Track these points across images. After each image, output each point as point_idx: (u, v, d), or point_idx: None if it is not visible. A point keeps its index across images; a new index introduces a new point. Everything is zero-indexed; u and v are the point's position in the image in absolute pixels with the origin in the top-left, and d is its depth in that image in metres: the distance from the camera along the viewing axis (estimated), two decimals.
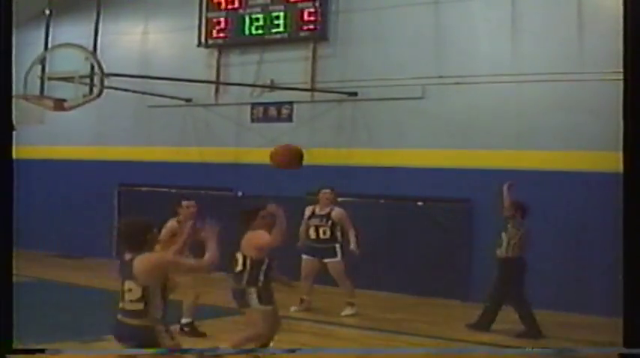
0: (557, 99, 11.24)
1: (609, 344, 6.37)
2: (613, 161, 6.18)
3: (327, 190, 10.79)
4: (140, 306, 5.32)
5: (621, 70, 4.66)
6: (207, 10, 14.25)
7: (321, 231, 10.61)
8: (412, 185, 12.28)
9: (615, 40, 4.90)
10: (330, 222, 10.58)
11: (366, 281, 12.50)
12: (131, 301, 5.34)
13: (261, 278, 7.10)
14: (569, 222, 11.06)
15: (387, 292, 12.23)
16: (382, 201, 12.63)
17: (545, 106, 11.35)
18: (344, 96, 12.97)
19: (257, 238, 7.25)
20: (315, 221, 10.63)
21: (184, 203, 9.48)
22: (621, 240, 4.61)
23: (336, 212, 10.67)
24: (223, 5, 14.08)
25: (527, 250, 9.42)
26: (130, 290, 5.34)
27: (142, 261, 5.32)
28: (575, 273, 10.89)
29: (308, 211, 10.77)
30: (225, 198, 14.10)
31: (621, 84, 4.65)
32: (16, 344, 4.80)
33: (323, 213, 10.66)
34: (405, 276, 12.26)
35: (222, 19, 14.12)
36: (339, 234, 10.63)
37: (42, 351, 5.09)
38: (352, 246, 10.55)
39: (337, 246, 10.62)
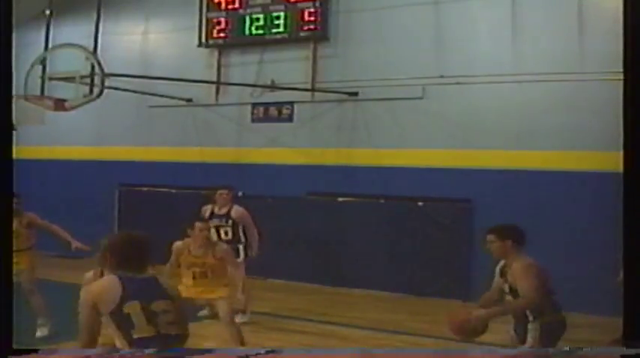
0: (557, 99, 11.23)
1: (609, 344, 6.36)
2: (613, 161, 6.19)
3: (224, 190, 10.26)
4: (181, 330, 4.48)
5: (621, 70, 4.66)
6: (208, 10, 14.24)
7: (222, 231, 10.04)
8: (412, 185, 12.28)
9: (615, 40, 4.90)
10: (230, 222, 10.07)
11: (366, 281, 12.52)
12: (169, 323, 4.40)
13: None
14: (569, 222, 11.05)
15: (387, 292, 12.23)
16: (382, 201, 12.63)
17: (545, 106, 11.35)
18: (344, 96, 12.97)
19: None
20: (215, 221, 9.95)
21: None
22: (621, 240, 4.61)
23: (235, 210, 10.16)
24: (223, 5, 14.08)
25: None
26: (165, 311, 4.42)
27: None
28: (575, 273, 10.88)
29: (207, 212, 10.17)
30: None
31: (621, 84, 4.65)
32: (16, 345, 4.80)
33: (222, 212, 10.13)
34: (405, 276, 12.25)
35: (222, 19, 14.12)
36: (241, 234, 10.13)
37: (42, 351, 5.08)
38: (253, 251, 10.10)
39: (240, 246, 10.09)
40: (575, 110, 11.07)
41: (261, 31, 13.73)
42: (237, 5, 13.95)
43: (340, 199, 13.00)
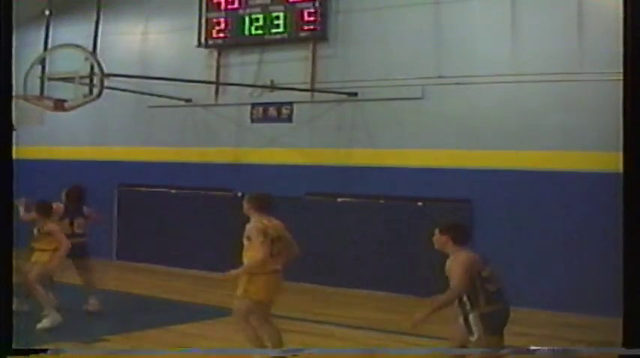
0: (557, 99, 11.24)
1: (609, 344, 6.38)
2: (613, 161, 6.19)
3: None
4: None
5: (621, 70, 4.66)
6: (207, 10, 14.24)
7: (75, 224, 10.22)
8: (412, 185, 12.28)
9: (615, 40, 4.90)
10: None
11: (366, 281, 12.52)
12: None
13: None
14: (569, 222, 11.05)
15: (387, 292, 12.23)
16: (382, 201, 12.63)
17: (545, 106, 11.35)
18: (344, 97, 12.97)
19: None
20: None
21: None
22: (621, 240, 4.61)
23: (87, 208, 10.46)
24: (223, 5, 14.08)
25: None
26: None
27: None
28: (575, 273, 10.89)
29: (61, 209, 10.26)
30: (225, 198, 14.11)
31: (621, 84, 4.65)
32: (16, 345, 4.80)
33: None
34: (404, 276, 12.25)
35: (221, 20, 14.12)
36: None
37: (42, 351, 5.09)
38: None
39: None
40: (575, 110, 11.07)
41: (260, 32, 13.73)
42: (236, 5, 13.95)
43: (340, 199, 13.00)
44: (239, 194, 14.06)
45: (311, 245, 13.15)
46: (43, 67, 11.75)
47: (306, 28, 13.30)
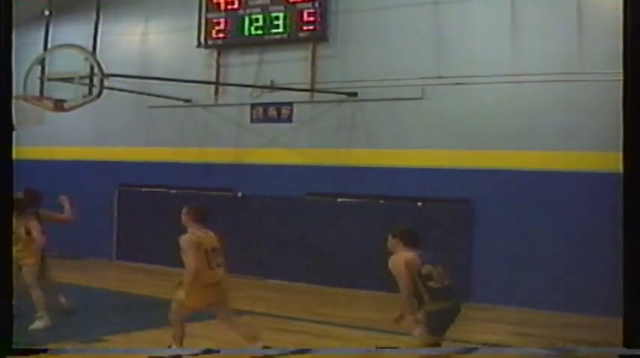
0: (557, 99, 11.24)
1: (609, 344, 6.38)
2: (613, 161, 6.18)
3: None
4: None
5: (621, 70, 4.65)
6: (207, 10, 14.24)
7: None
8: (412, 185, 12.29)
9: (615, 40, 4.90)
10: None
11: (366, 281, 12.51)
12: None
13: None
14: (569, 222, 11.06)
15: (386, 292, 12.21)
16: (382, 201, 12.63)
17: (545, 106, 11.35)
18: (344, 97, 12.97)
19: None
20: None
21: None
22: (621, 240, 4.61)
23: None
24: (223, 6, 14.08)
25: None
26: None
27: None
28: (575, 273, 10.89)
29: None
30: (225, 198, 14.11)
31: (621, 84, 4.64)
32: (16, 345, 4.79)
33: None
34: None
35: (221, 20, 14.12)
36: None
37: (43, 351, 5.08)
38: None
39: None
40: (575, 110, 11.07)
41: (260, 32, 13.73)
42: (236, 6, 13.95)
43: (339, 199, 13.00)
44: (239, 194, 14.10)
45: (311, 245, 13.20)
46: (43, 67, 11.76)
47: (305, 28, 13.30)
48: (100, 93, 11.10)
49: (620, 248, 4.62)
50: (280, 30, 13.53)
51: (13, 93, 5.03)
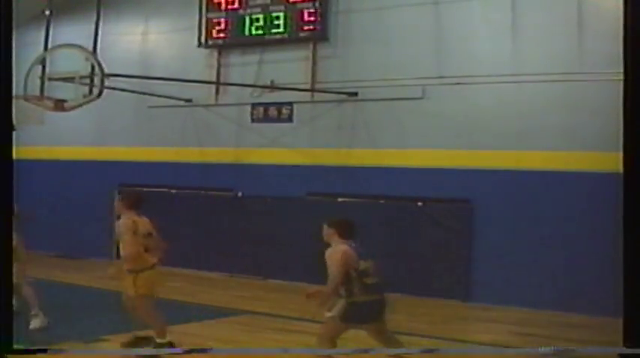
0: (557, 99, 11.24)
1: (609, 344, 6.38)
2: (613, 161, 6.19)
3: None
4: None
5: (621, 70, 4.65)
6: (207, 10, 14.24)
7: None
8: (412, 185, 12.28)
9: (615, 40, 4.90)
10: None
11: None
12: None
13: None
14: (569, 222, 11.05)
15: (386, 292, 12.21)
16: (382, 201, 12.63)
17: (545, 106, 11.35)
18: (344, 97, 12.97)
19: None
20: None
21: None
22: (621, 240, 4.60)
23: None
24: (223, 6, 14.08)
25: None
26: None
27: None
28: (575, 273, 10.89)
29: None
30: (225, 198, 14.11)
31: (621, 84, 4.64)
32: (17, 345, 4.80)
33: None
34: (404, 276, 12.24)
35: (222, 20, 14.12)
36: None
37: (42, 351, 5.08)
38: None
39: None
40: (575, 110, 11.07)
41: (260, 32, 13.73)
42: (236, 5, 13.95)
43: (340, 199, 12.99)
44: (239, 194, 14.10)
45: (311, 245, 13.17)
46: (44, 67, 11.75)
47: (306, 28, 13.30)
48: (100, 93, 11.10)
49: (620, 248, 4.63)
50: (281, 30, 13.53)
51: (14, 93, 5.03)
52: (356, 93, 12.88)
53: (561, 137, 11.23)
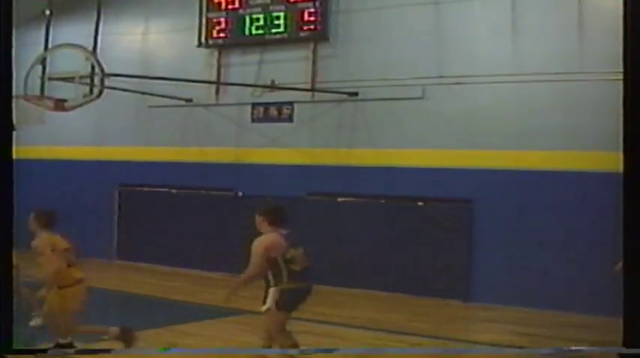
0: (557, 99, 11.24)
1: (609, 343, 6.38)
2: (613, 161, 6.18)
3: None
4: None
5: (621, 70, 4.66)
6: (208, 10, 14.24)
7: None
8: (412, 185, 12.29)
9: (615, 40, 4.90)
10: None
11: (367, 281, 12.52)
12: None
13: None
14: (569, 221, 11.06)
15: (387, 292, 12.23)
16: (382, 201, 12.63)
17: (545, 106, 11.35)
18: (344, 97, 12.97)
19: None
20: None
21: None
22: (621, 240, 4.61)
23: None
24: (223, 5, 14.08)
25: None
26: None
27: None
28: (575, 273, 10.89)
29: None
30: (226, 197, 14.11)
31: (621, 84, 4.65)
32: (17, 345, 4.80)
33: None
34: (405, 276, 12.26)
35: (222, 19, 14.12)
36: None
37: (43, 351, 5.09)
38: None
39: None
40: (575, 110, 11.07)
41: (261, 31, 13.73)
42: (237, 5, 13.95)
43: (340, 199, 13.00)
44: (239, 194, 14.10)
45: (311, 245, 13.18)
46: (44, 67, 11.74)
47: (306, 28, 13.30)
48: (100, 93, 11.09)
49: (620, 248, 4.63)
50: (281, 30, 13.53)
51: (14, 93, 5.03)
52: (356, 93, 12.88)
53: (561, 137, 11.23)
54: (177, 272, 13.93)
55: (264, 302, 7.01)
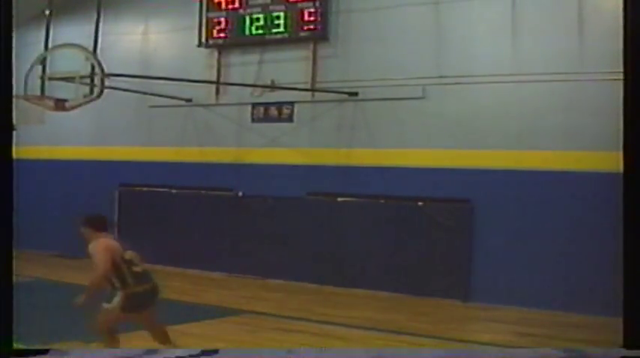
0: (557, 99, 11.23)
1: (609, 343, 6.38)
2: (613, 161, 6.19)
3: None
4: None
5: (621, 70, 4.66)
6: (208, 10, 14.24)
7: None
8: (412, 185, 12.28)
9: (615, 40, 4.91)
10: None
11: (366, 281, 12.52)
12: None
13: None
14: (569, 221, 11.05)
15: (387, 292, 12.23)
16: (382, 201, 12.63)
17: (545, 106, 11.34)
18: (344, 97, 12.97)
19: None
20: None
21: None
22: (621, 240, 4.61)
23: None
24: (223, 5, 14.08)
25: None
26: None
27: None
28: (575, 273, 10.89)
29: None
30: (226, 197, 14.11)
31: (621, 84, 4.65)
32: (17, 345, 4.80)
33: None
34: (405, 276, 12.26)
35: (222, 19, 14.12)
36: None
37: (43, 352, 5.09)
38: None
39: None
40: (575, 110, 11.07)
41: (261, 31, 13.73)
42: (237, 5, 13.95)
43: (340, 199, 12.99)
44: (239, 194, 14.10)
45: (311, 245, 13.20)
46: (44, 67, 11.75)
47: (306, 27, 13.30)
48: (100, 93, 11.09)
49: (620, 248, 4.63)
50: (281, 29, 13.53)
51: (14, 93, 5.03)
52: (356, 93, 12.88)
53: (561, 137, 11.23)
54: (177, 272, 13.92)
55: (109, 301, 6.92)
